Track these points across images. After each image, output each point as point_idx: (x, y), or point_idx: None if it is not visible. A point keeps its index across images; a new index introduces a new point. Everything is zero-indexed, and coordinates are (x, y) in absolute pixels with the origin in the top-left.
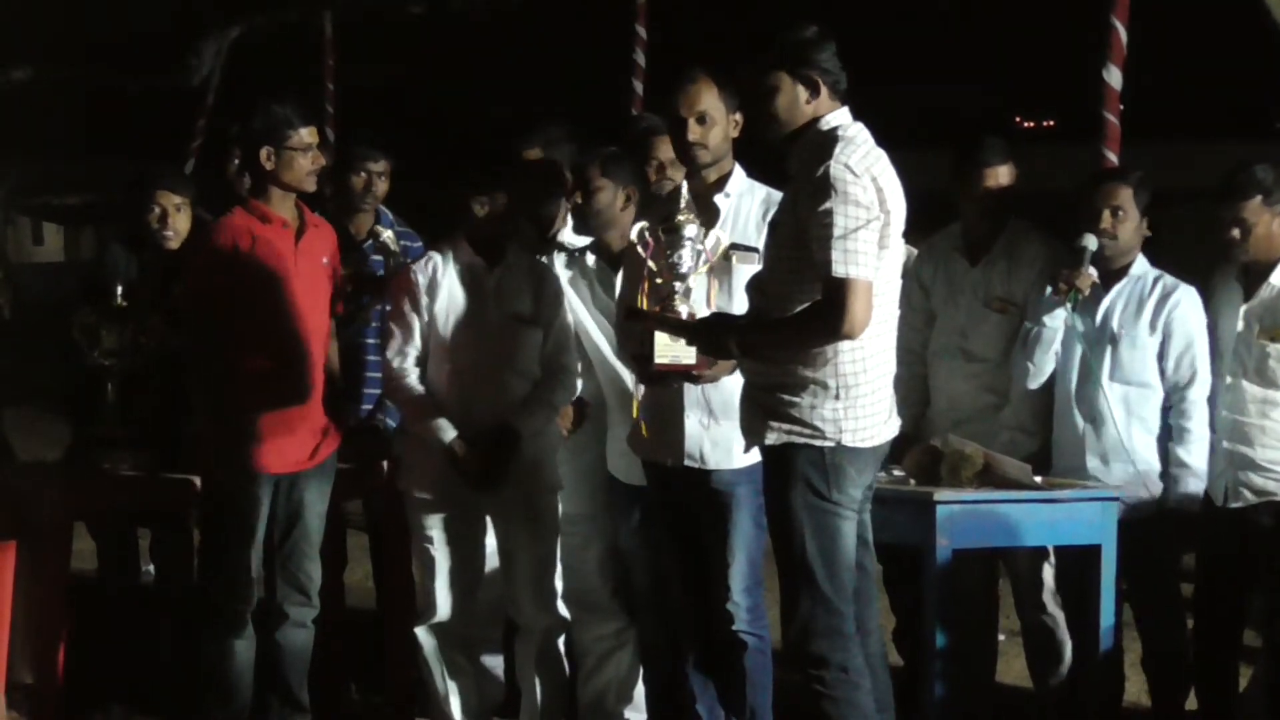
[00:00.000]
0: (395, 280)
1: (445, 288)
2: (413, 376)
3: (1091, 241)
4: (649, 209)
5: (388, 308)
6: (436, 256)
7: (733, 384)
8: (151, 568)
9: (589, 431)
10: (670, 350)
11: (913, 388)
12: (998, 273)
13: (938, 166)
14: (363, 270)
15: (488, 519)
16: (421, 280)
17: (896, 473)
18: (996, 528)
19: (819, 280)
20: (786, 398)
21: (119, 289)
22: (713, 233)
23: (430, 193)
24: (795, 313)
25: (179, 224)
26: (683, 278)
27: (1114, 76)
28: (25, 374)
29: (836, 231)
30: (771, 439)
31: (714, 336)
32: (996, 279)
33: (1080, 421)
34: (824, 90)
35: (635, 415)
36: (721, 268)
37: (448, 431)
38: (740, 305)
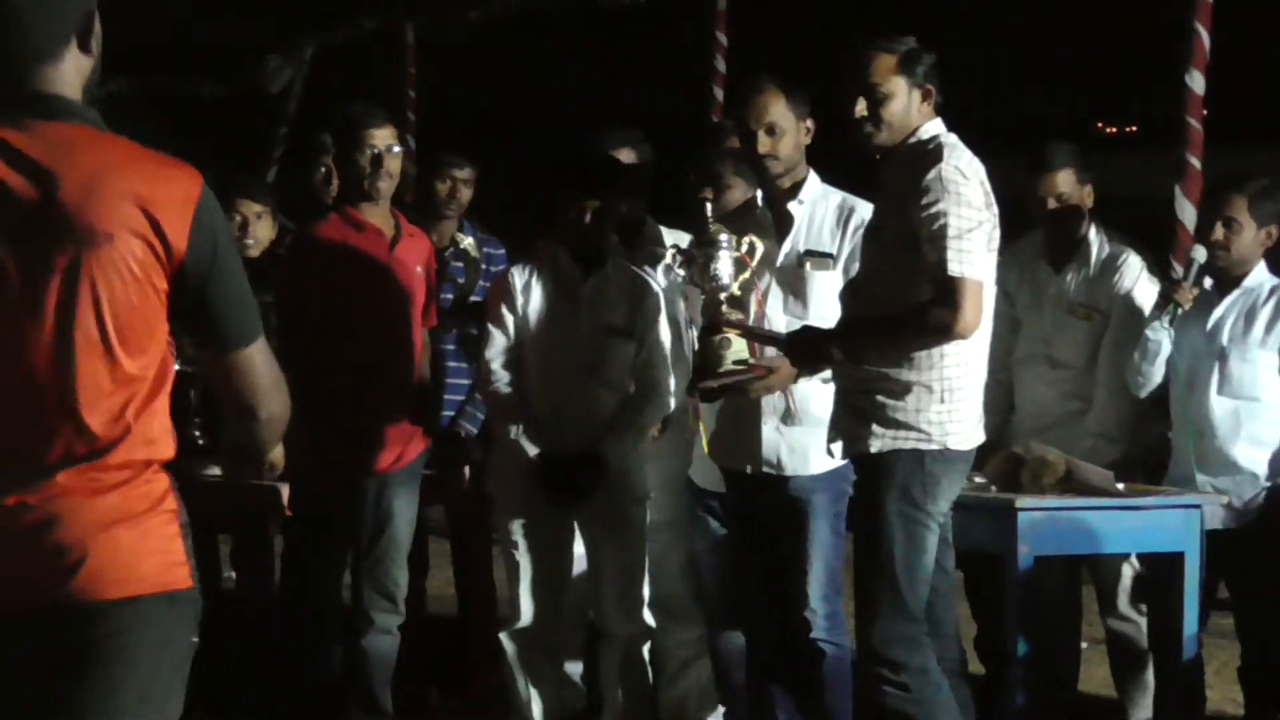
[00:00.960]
0: (494, 283)
1: (537, 292)
2: (505, 380)
3: (1200, 253)
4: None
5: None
6: (532, 262)
7: (808, 389)
8: (232, 574)
9: (673, 438)
10: (726, 362)
11: (997, 394)
12: (1081, 279)
13: (1016, 172)
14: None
15: (575, 524)
16: (518, 283)
17: (978, 479)
18: (1078, 535)
19: (926, 282)
20: (890, 401)
21: None
22: (746, 239)
23: (514, 199)
24: (904, 313)
25: (260, 232)
26: (725, 288)
27: (1197, 81)
28: None
29: (951, 232)
30: (876, 445)
31: (809, 345)
32: (1080, 285)
33: (1188, 433)
34: (931, 100)
35: (702, 433)
36: (796, 275)
37: (529, 448)
38: (817, 312)
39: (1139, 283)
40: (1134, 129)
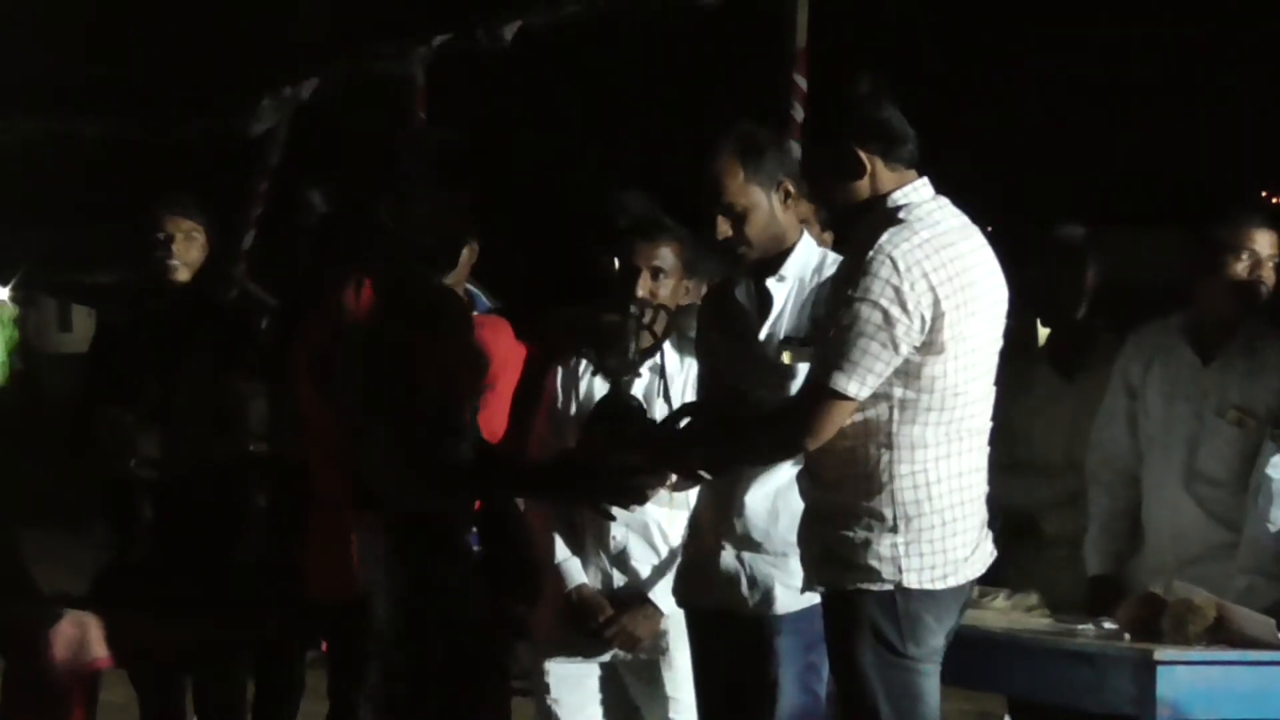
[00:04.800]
0: (547, 376)
1: (586, 385)
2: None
3: None
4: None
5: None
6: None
7: (767, 507)
8: None
9: None
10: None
11: (1117, 516)
12: (1235, 375)
13: (1170, 248)
14: None
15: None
16: (562, 376)
17: (1108, 625)
18: (1232, 696)
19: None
20: (841, 533)
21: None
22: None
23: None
24: (758, 415)
25: (188, 254)
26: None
27: None
28: (47, 487)
29: (846, 334)
30: (823, 583)
31: (676, 452)
32: (1234, 383)
33: None
34: (874, 163)
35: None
36: (774, 367)
37: (574, 575)
38: None
39: None
40: None
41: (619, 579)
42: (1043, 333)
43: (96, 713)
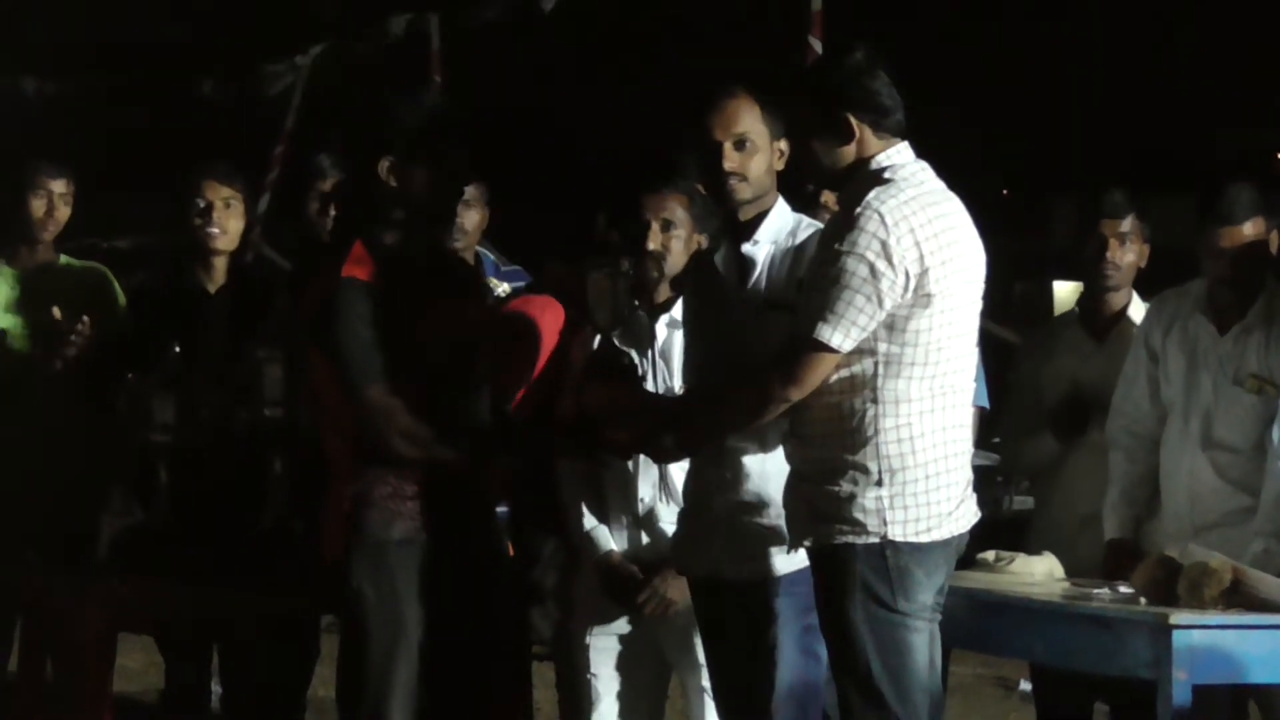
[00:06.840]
0: (577, 339)
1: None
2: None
3: None
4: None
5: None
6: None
7: (759, 470)
8: (217, 690)
9: None
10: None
11: (1136, 481)
12: (1253, 344)
13: (1185, 216)
14: None
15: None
16: (581, 340)
17: (1124, 589)
18: (1248, 660)
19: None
20: (827, 488)
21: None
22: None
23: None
24: (739, 375)
25: (228, 222)
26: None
27: None
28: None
29: (831, 286)
30: (810, 540)
31: (652, 430)
32: (1252, 351)
33: None
34: (863, 130)
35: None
36: (758, 331)
37: (603, 542)
38: None
39: None
40: None
41: (646, 541)
42: (1065, 296)
43: (113, 677)
